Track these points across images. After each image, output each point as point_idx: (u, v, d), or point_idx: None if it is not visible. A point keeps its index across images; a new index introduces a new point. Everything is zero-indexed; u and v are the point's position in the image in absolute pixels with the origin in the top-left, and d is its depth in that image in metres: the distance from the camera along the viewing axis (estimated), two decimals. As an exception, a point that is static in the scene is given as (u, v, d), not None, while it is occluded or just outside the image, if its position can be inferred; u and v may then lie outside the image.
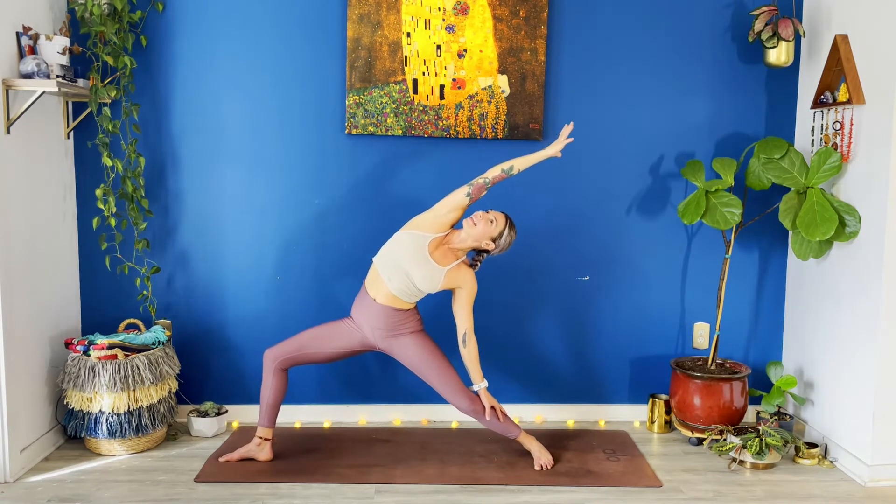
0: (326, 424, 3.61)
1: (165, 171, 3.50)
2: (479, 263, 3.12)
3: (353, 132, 3.47)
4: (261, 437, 3.14)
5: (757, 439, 3.14)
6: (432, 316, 3.49)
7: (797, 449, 3.26)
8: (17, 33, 2.98)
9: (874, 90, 3.02)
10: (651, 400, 3.62)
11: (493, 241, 3.03)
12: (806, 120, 3.54)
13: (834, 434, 3.27)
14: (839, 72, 3.21)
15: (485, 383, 3.10)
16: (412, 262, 2.96)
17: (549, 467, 3.10)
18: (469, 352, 3.07)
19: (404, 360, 3.08)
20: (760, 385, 3.72)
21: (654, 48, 3.56)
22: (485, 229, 2.99)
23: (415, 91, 3.47)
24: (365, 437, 3.43)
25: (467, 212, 3.08)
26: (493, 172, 3.00)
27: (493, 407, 3.09)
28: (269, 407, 3.12)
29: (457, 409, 3.11)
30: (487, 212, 3.03)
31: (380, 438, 3.42)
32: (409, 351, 3.06)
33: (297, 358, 3.11)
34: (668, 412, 3.60)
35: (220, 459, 3.12)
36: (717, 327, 3.51)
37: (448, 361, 3.09)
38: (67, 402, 3.17)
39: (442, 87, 3.48)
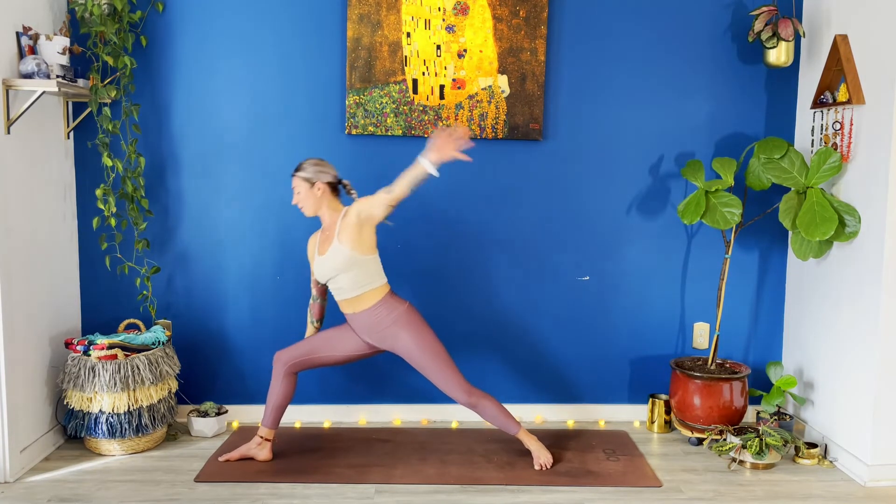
0: (326, 424, 3.61)
1: (165, 171, 3.50)
2: (347, 188, 3.01)
3: (353, 132, 3.47)
4: (262, 437, 3.14)
5: (757, 439, 3.14)
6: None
7: (797, 449, 3.26)
8: (17, 33, 2.98)
9: (874, 90, 3.02)
10: (651, 400, 3.62)
11: (312, 182, 2.91)
12: (806, 120, 3.54)
13: (834, 434, 3.27)
14: (839, 72, 3.21)
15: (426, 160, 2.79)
16: (337, 268, 2.94)
17: (548, 466, 3.10)
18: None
19: (402, 353, 3.05)
20: (760, 385, 3.72)
21: (654, 48, 3.56)
22: (307, 200, 2.92)
23: (415, 91, 3.47)
24: (365, 437, 3.43)
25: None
26: (399, 188, 2.84)
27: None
28: (274, 409, 3.12)
29: (455, 400, 3.08)
30: (293, 194, 2.95)
31: (380, 438, 3.42)
32: (403, 342, 3.01)
33: (308, 362, 3.11)
34: (668, 412, 3.60)
35: (220, 459, 3.12)
36: (717, 327, 3.51)
37: (445, 352, 3.05)
38: (67, 402, 3.17)
39: (442, 87, 3.48)
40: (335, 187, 3.00)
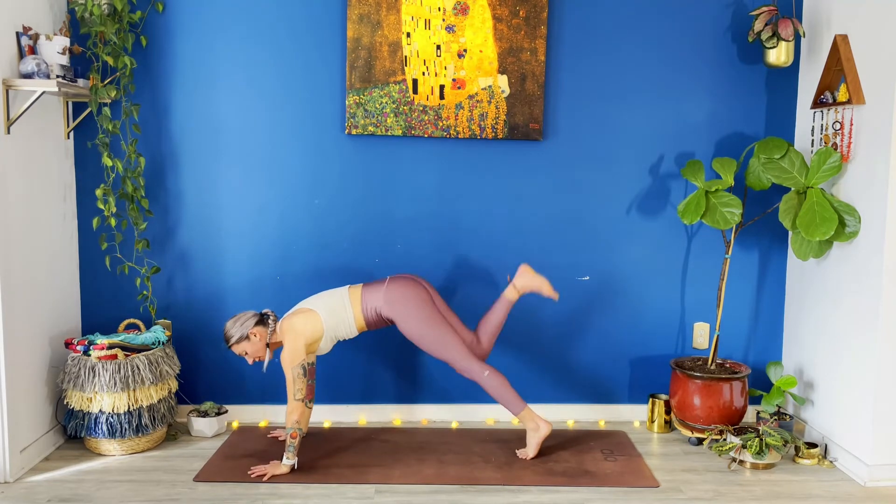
0: (326, 424, 3.61)
1: (165, 171, 3.51)
2: (267, 321, 3.14)
3: (353, 132, 3.48)
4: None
5: (757, 439, 3.14)
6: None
7: (797, 449, 3.26)
8: (17, 33, 2.98)
9: (874, 90, 3.02)
10: (651, 400, 3.62)
11: (247, 337, 3.08)
12: (806, 120, 3.54)
13: (834, 434, 3.27)
14: (839, 72, 3.21)
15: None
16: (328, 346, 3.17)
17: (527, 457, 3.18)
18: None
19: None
20: (760, 385, 3.72)
21: (654, 48, 3.56)
22: (257, 352, 3.11)
23: (415, 91, 3.47)
24: (364, 437, 3.44)
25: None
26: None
27: None
28: None
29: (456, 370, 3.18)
30: (245, 351, 3.10)
31: (379, 438, 3.43)
32: (401, 328, 3.13)
33: None
34: (668, 412, 3.60)
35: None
36: (717, 327, 3.51)
37: (439, 324, 3.12)
38: (67, 402, 3.17)
39: (442, 87, 3.48)
40: (262, 321, 3.13)
